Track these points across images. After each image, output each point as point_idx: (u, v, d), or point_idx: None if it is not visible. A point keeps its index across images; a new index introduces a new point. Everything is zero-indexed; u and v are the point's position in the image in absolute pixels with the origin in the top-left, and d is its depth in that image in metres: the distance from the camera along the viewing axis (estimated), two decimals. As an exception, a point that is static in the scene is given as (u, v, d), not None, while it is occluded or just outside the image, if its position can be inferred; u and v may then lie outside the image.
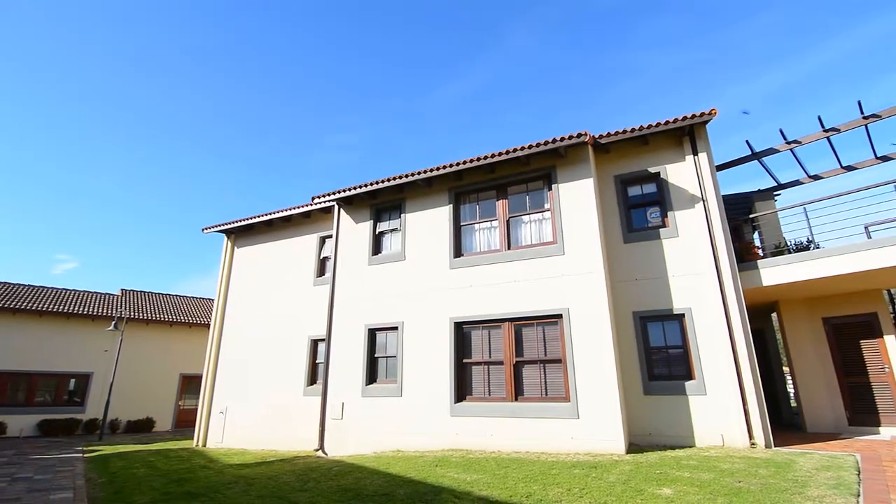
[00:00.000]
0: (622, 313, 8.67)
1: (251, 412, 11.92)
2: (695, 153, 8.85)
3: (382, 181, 10.39)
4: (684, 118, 8.61)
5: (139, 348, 18.87)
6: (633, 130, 8.92)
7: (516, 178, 9.58)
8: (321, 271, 12.32)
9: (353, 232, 11.09)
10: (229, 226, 13.79)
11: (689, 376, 8.04)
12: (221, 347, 13.20)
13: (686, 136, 8.98)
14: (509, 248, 9.25)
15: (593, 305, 8.11)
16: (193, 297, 24.43)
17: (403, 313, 9.77)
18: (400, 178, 10.17)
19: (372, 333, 10.09)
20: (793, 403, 11.63)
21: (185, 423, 19.15)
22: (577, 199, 8.84)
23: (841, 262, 7.95)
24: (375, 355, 9.98)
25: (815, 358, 9.70)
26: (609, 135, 9.09)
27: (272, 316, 12.53)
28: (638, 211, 9.30)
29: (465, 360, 9.00)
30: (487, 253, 9.46)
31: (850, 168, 10.76)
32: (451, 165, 9.63)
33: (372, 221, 10.95)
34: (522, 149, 8.98)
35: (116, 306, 19.58)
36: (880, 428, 8.72)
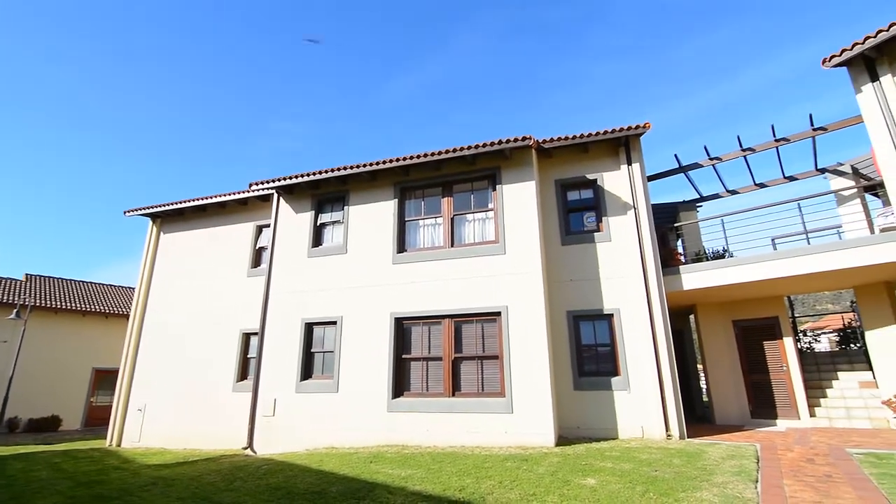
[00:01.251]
0: (557, 312, 9.04)
1: (174, 409, 11.20)
2: (629, 163, 9.38)
3: (326, 171, 10.12)
4: (621, 129, 9.11)
5: (45, 339, 17.11)
6: (574, 138, 9.31)
7: (462, 177, 9.68)
8: (257, 262, 11.79)
9: (293, 222, 10.71)
10: (155, 209, 12.84)
11: (616, 373, 8.53)
12: (142, 339, 12.28)
13: (622, 146, 9.50)
14: (453, 246, 9.34)
15: (530, 304, 8.38)
16: (111, 285, 22.52)
17: (343, 308, 9.58)
18: (344, 169, 9.95)
19: (309, 328, 9.81)
20: (705, 398, 12.65)
21: (97, 421, 17.61)
22: (520, 201, 9.08)
23: (750, 270, 8.78)
24: (312, 350, 9.71)
25: (725, 357, 10.64)
26: (552, 140, 9.42)
27: (201, 307, 11.83)
28: (576, 215, 9.72)
29: (404, 356, 8.99)
30: (431, 249, 9.49)
31: (762, 185, 11.87)
32: (397, 160, 9.56)
33: (313, 212, 10.63)
34: (469, 148, 9.08)
35: (19, 292, 17.64)
36: (777, 420, 9.72)
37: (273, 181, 10.56)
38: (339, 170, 9.99)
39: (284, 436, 9.11)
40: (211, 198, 12.22)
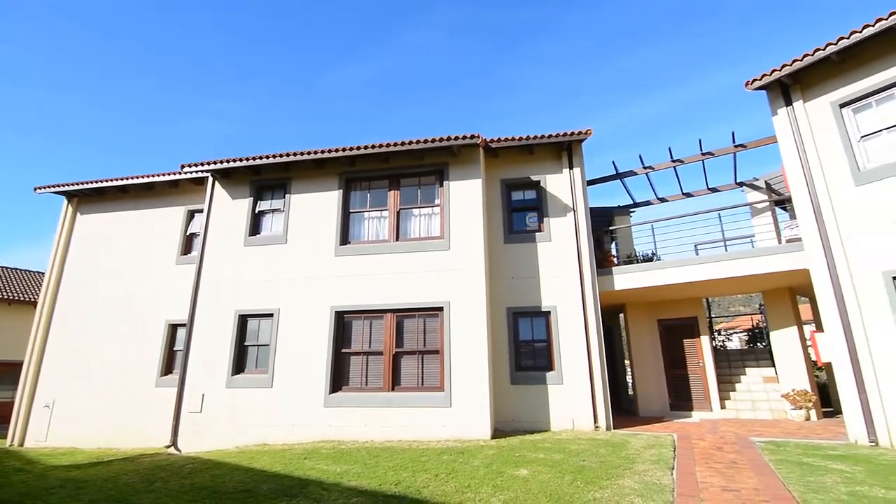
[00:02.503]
0: (497, 308, 9.25)
1: (88, 406, 10.30)
2: (571, 167, 9.75)
3: (267, 156, 9.69)
4: (564, 134, 9.46)
5: (-70, 328, 15.14)
6: (520, 139, 9.54)
7: (410, 171, 9.63)
8: (187, 249, 11.09)
9: (229, 208, 10.17)
10: (71, 187, 11.71)
11: (550, 368, 8.87)
12: (52, 329, 11.17)
13: (565, 150, 9.85)
14: (398, 240, 9.28)
15: (473, 300, 8.51)
16: (16, 269, 20.29)
17: (281, 300, 9.24)
18: (288, 155, 9.58)
19: (243, 320, 9.37)
20: (630, 392, 13.47)
21: (-7, 419, 15.85)
22: (466, 198, 9.18)
23: (675, 273, 9.44)
24: (245, 343, 9.29)
25: (649, 353, 11.38)
26: (499, 140, 9.59)
27: (122, 295, 10.94)
28: (519, 214, 9.99)
29: (343, 350, 8.83)
30: (376, 243, 9.37)
31: (688, 195, 12.77)
32: (344, 149, 9.33)
33: (252, 199, 10.15)
34: (418, 142, 9.05)
35: None
36: (693, 412, 10.54)
37: (208, 164, 9.96)
38: (281, 156, 9.60)
39: (213, 433, 8.67)
40: (136, 178, 11.31)
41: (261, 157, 9.72)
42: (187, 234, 11.20)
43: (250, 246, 9.78)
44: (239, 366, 9.14)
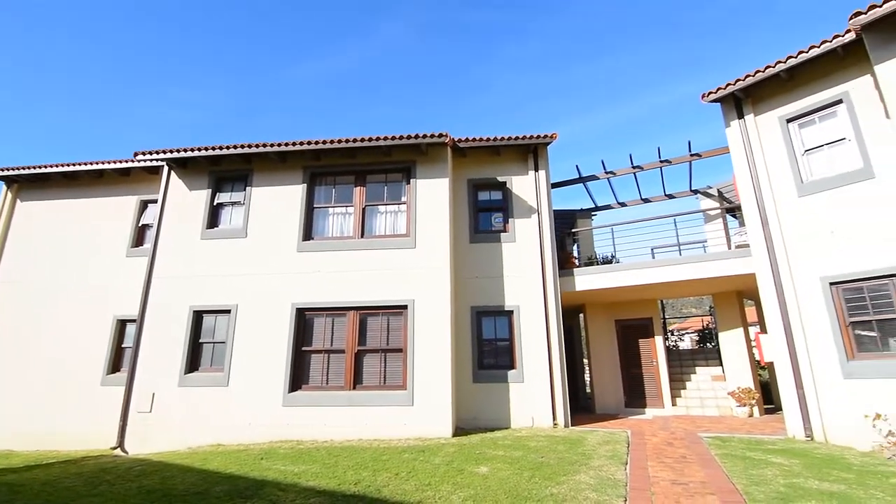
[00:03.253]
0: (462, 307, 9.30)
1: (25, 405, 9.63)
2: (536, 169, 9.93)
3: (228, 147, 9.36)
4: (531, 137, 9.62)
5: None
6: (488, 140, 9.63)
7: (377, 168, 9.54)
8: (139, 240, 10.55)
9: (186, 200, 9.75)
10: (10, 172, 10.92)
11: (512, 366, 9.01)
12: (-16, 324, 10.39)
13: (531, 153, 10.02)
14: (363, 237, 9.17)
15: (437, 299, 8.53)
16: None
17: (239, 295, 8.94)
18: (250, 146, 9.29)
19: (198, 316, 9.02)
20: (588, 390, 13.86)
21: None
22: (433, 197, 9.17)
23: (633, 275, 9.78)
24: (200, 340, 8.94)
25: (607, 352, 11.75)
26: (467, 140, 9.65)
27: (67, 289, 10.29)
28: (485, 214, 10.08)
29: (304, 348, 8.64)
30: (340, 239, 9.23)
31: (646, 200, 13.24)
32: (309, 143, 9.14)
33: (210, 190, 9.78)
34: (385, 139, 8.97)
35: None
36: (646, 409, 10.96)
37: (163, 152, 9.53)
38: (243, 147, 9.30)
39: (164, 434, 8.30)
40: (84, 164, 10.67)
41: (221, 148, 9.38)
42: (139, 225, 10.66)
43: (208, 239, 9.42)
44: (193, 364, 8.79)
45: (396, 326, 8.60)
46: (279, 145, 9.21)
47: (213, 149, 9.39)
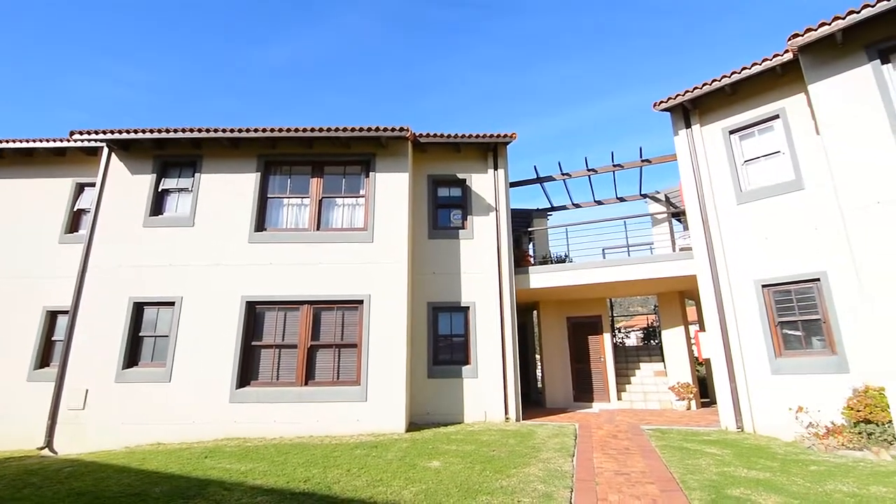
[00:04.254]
0: (418, 303, 9.29)
1: (-67, 403, 8.78)
2: (495, 168, 10.06)
3: (176, 130, 8.88)
4: (491, 136, 9.72)
5: None
6: (449, 136, 9.66)
7: (335, 159, 9.34)
8: (74, 226, 9.83)
9: (127, 184, 9.17)
10: (-78, 146, 9.86)
11: (467, 362, 9.10)
12: None
13: (491, 151, 10.14)
14: (318, 229, 8.96)
15: (394, 294, 8.48)
16: None
17: (184, 287, 8.52)
18: (200, 130, 8.85)
19: (139, 308, 8.52)
20: (539, 385, 14.23)
21: None
22: (392, 191, 9.09)
23: (585, 274, 10.11)
24: (141, 334, 8.46)
25: (558, 348, 12.10)
26: (428, 135, 9.63)
27: (-14, 276, 9.44)
28: (444, 211, 10.10)
29: (254, 343, 8.36)
30: (295, 231, 8.98)
31: (599, 202, 13.72)
32: (264, 130, 8.82)
33: (155, 175, 9.24)
34: (345, 130, 8.80)
35: None
36: (593, 403, 11.38)
37: (104, 132, 8.90)
38: (192, 130, 8.85)
39: (98, 433, 7.79)
40: (13, 142, 9.81)
41: (168, 130, 8.89)
42: (74, 209, 9.93)
43: (151, 227, 8.91)
44: (132, 358, 8.30)
45: (352, 321, 8.48)
46: (232, 131, 8.83)
47: (160, 131, 8.88)
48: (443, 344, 9.31)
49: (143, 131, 8.88)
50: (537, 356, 14.54)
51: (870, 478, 4.62)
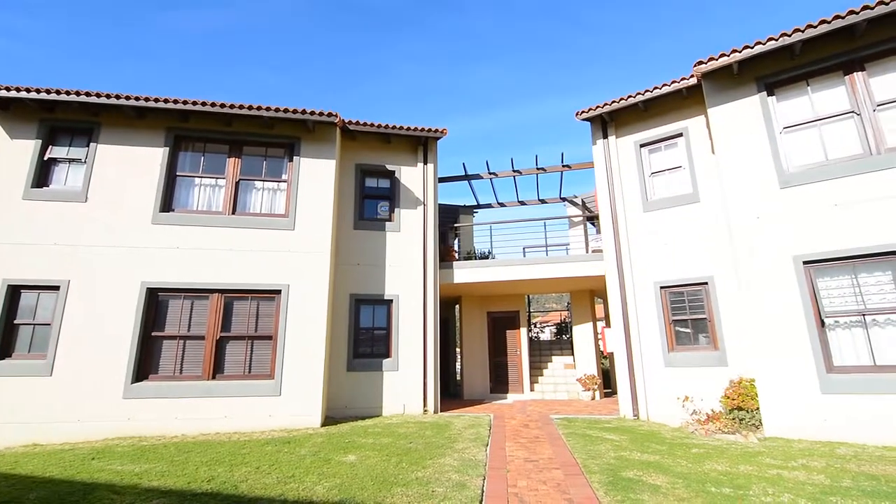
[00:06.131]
0: (340, 295, 9.09)
1: None
2: (425, 162, 10.08)
3: (70, 92, 7.87)
4: (423, 129, 9.72)
5: None
6: (380, 126, 9.51)
7: (256, 140, 8.80)
8: (-71, 194, 8.36)
9: (5, 149, 7.98)
10: None
11: (388, 354, 9.07)
12: None
13: (421, 145, 10.14)
14: (234, 213, 8.41)
15: (315, 285, 8.21)
16: None
17: (73, 269, 7.60)
18: (99, 95, 7.91)
19: (15, 292, 7.47)
20: (458, 377, 14.55)
21: None
22: (318, 177, 8.77)
23: (506, 271, 10.49)
24: (16, 321, 7.43)
25: (478, 342, 12.46)
26: (358, 123, 9.40)
27: None
28: (371, 202, 9.95)
29: (155, 334, 7.68)
30: (207, 213, 8.35)
31: (522, 203, 14.27)
32: (176, 101, 8.09)
33: (41, 141, 8.12)
34: (268, 109, 8.32)
35: None
36: (508, 394, 11.87)
37: (-26, 87, 7.65)
38: (91, 95, 7.89)
39: (-47, 433, 6.74)
40: None
41: (60, 92, 7.85)
42: (-70, 174, 8.44)
43: (34, 200, 7.83)
44: (5, 349, 7.27)
45: (267, 312, 8.08)
46: (138, 99, 8.00)
47: (49, 92, 7.81)
48: (364, 337, 9.19)
49: (29, 90, 7.77)
50: (458, 349, 14.85)
51: (739, 458, 5.29)
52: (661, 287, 8.31)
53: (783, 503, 3.82)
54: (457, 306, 14.32)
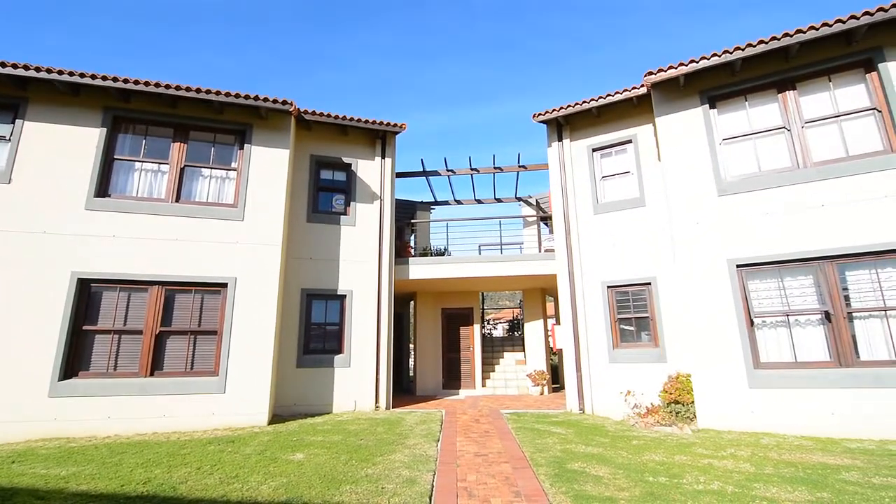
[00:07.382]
0: (291, 289, 8.84)
1: None
2: (383, 156, 9.97)
3: (-11, 64, 7.16)
4: (381, 123, 9.60)
5: None
6: (336, 117, 9.30)
7: (204, 125, 8.36)
8: None
9: (-90, 122, 7.16)
10: None
11: (340, 351, 8.93)
12: None
13: (379, 139, 10.01)
14: (178, 201, 7.97)
15: (264, 278, 7.93)
16: None
17: (-8, 257, 6.95)
18: (28, 68, 7.25)
19: (-80, 279, 6.74)
20: (412, 373, 14.55)
21: None
22: (270, 167, 8.47)
23: (461, 268, 10.57)
24: (-79, 312, 6.71)
25: (431, 338, 12.50)
26: (314, 113, 9.15)
27: None
28: (325, 194, 9.72)
29: (86, 327, 7.16)
30: (147, 200, 7.86)
31: (479, 201, 14.44)
32: (116, 79, 7.54)
33: (-46, 115, 7.35)
34: (218, 93, 7.94)
35: None
36: (461, 390, 11.99)
37: None
38: (19, 67, 7.21)
39: None
40: None
41: (-23, 61, 7.12)
42: None
43: (-56, 179, 7.08)
44: None
45: (212, 306, 7.73)
46: (72, 74, 7.39)
47: (-36, 60, 7.07)
48: (315, 332, 8.99)
49: (-62, 56, 6.99)
50: (411, 345, 14.83)
51: (675, 449, 5.62)
52: (609, 286, 8.65)
53: (713, 490, 4.09)
54: (411, 302, 14.29)
